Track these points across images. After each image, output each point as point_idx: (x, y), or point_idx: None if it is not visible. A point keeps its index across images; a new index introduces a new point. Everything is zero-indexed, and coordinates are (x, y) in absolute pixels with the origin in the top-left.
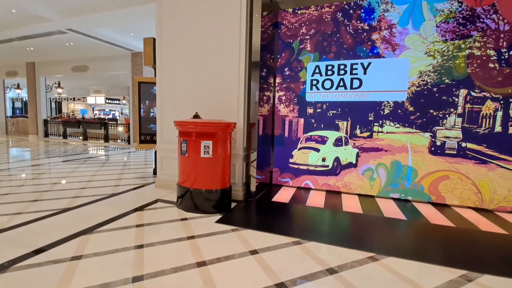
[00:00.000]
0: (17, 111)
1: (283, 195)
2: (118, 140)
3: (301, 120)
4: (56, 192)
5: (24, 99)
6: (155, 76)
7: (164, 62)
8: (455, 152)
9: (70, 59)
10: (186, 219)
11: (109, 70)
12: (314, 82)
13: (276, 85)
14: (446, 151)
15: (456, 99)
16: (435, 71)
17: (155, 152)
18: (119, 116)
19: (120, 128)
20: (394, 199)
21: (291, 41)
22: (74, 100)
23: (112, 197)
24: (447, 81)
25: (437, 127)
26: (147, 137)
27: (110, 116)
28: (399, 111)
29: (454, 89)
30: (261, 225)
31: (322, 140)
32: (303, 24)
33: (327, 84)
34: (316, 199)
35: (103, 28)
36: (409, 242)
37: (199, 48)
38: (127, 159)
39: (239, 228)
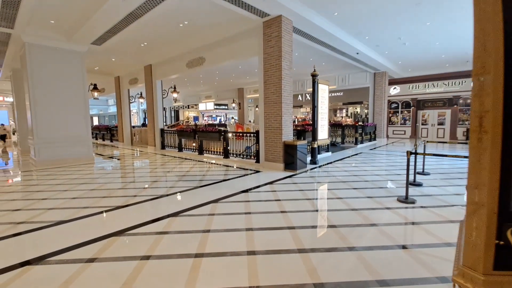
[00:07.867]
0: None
1: None
2: (242, 157)
3: None
4: None
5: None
6: None
7: None
8: None
9: (184, 51)
10: None
11: (231, 56)
12: None
13: None
14: None
15: None
16: None
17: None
18: (226, 121)
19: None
20: None
21: None
22: (188, 107)
23: None
24: None
25: None
26: None
27: (217, 122)
28: None
29: None
30: None
31: None
32: None
33: None
34: None
35: None
36: None
37: None
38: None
39: None
